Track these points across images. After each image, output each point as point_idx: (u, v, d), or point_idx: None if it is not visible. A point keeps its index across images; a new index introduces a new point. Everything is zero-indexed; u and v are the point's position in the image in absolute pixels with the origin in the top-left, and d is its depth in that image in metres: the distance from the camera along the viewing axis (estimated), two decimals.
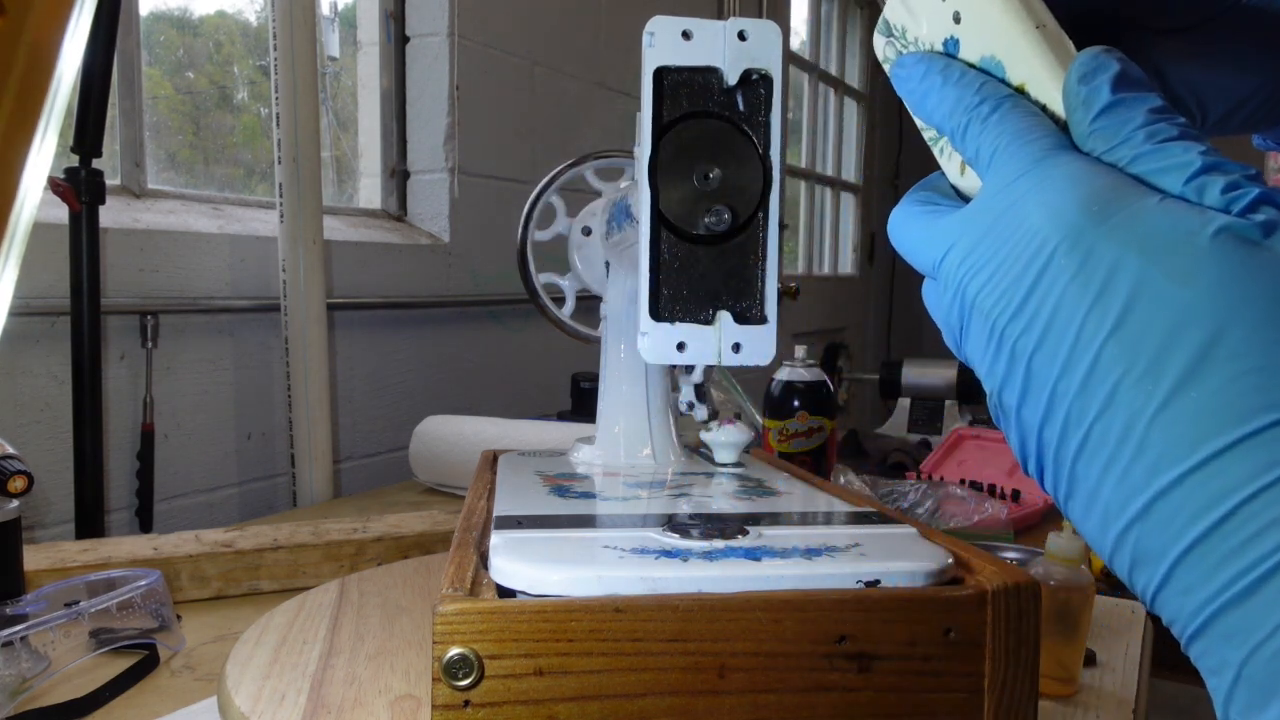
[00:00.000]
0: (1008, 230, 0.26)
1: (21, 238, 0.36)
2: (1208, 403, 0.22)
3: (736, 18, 0.46)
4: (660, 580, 0.40)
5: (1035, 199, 0.25)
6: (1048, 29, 0.30)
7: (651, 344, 0.47)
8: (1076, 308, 0.24)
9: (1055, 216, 0.25)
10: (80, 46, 0.35)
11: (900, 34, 0.35)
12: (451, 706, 0.38)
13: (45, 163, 0.36)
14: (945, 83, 0.31)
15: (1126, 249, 0.23)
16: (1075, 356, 0.24)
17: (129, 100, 1.25)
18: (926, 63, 0.32)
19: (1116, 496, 0.23)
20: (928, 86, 0.31)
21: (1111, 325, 0.23)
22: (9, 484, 0.64)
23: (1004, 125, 0.28)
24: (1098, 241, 0.24)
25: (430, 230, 1.69)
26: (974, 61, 0.32)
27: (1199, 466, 0.22)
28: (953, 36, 0.33)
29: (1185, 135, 0.25)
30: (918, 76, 0.32)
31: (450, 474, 1.19)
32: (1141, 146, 0.25)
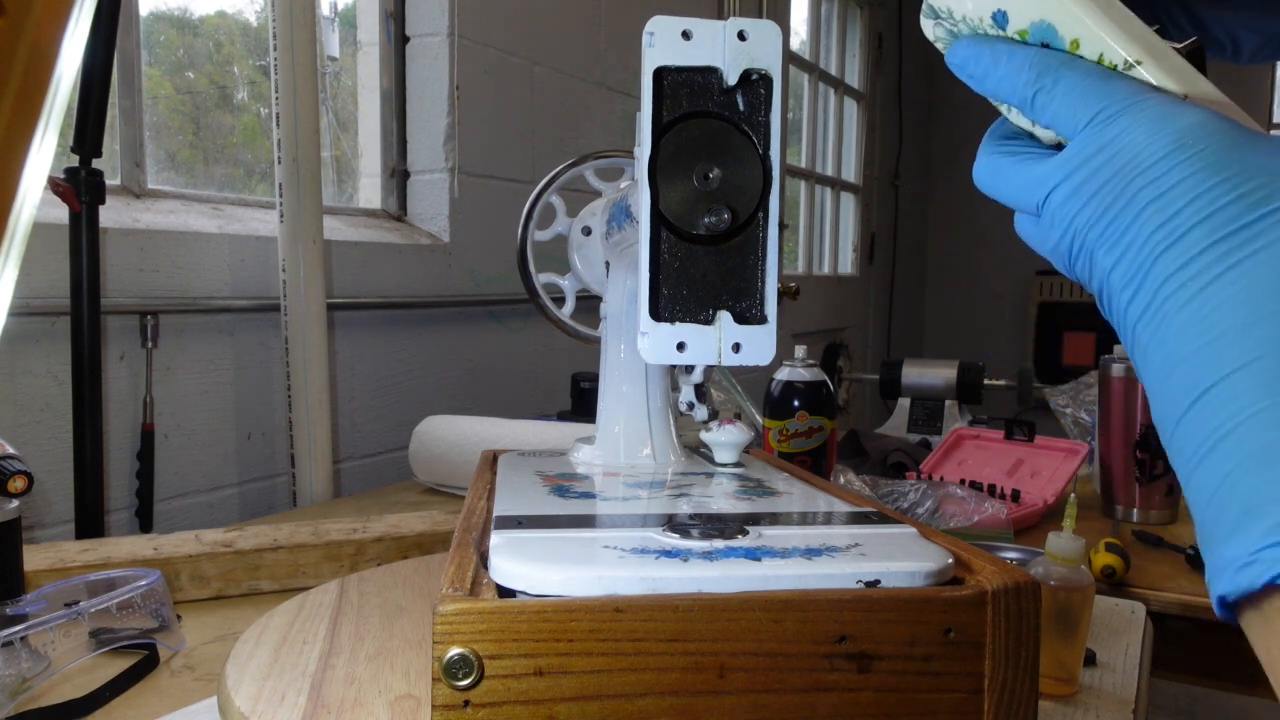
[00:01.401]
0: (1112, 164, 0.29)
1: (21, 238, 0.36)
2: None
3: (736, 18, 0.46)
4: (660, 580, 0.40)
5: (1130, 136, 0.29)
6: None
7: (651, 344, 0.47)
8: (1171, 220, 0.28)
9: (1155, 142, 0.28)
10: (80, 46, 0.35)
11: (947, 15, 0.36)
12: (451, 706, 0.38)
13: (45, 163, 0.36)
14: (997, 64, 0.33)
15: (1204, 178, 0.27)
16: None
17: (129, 100, 1.25)
18: (976, 47, 0.34)
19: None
20: (984, 70, 0.34)
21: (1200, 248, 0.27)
22: (9, 484, 0.64)
23: (1073, 87, 0.31)
24: (1184, 166, 0.27)
25: (430, 230, 1.69)
26: (1024, 28, 0.34)
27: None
28: (1000, 9, 0.34)
29: None
30: (972, 61, 0.34)
31: (450, 474, 1.19)
32: None
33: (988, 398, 1.89)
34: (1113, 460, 1.14)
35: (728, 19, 0.46)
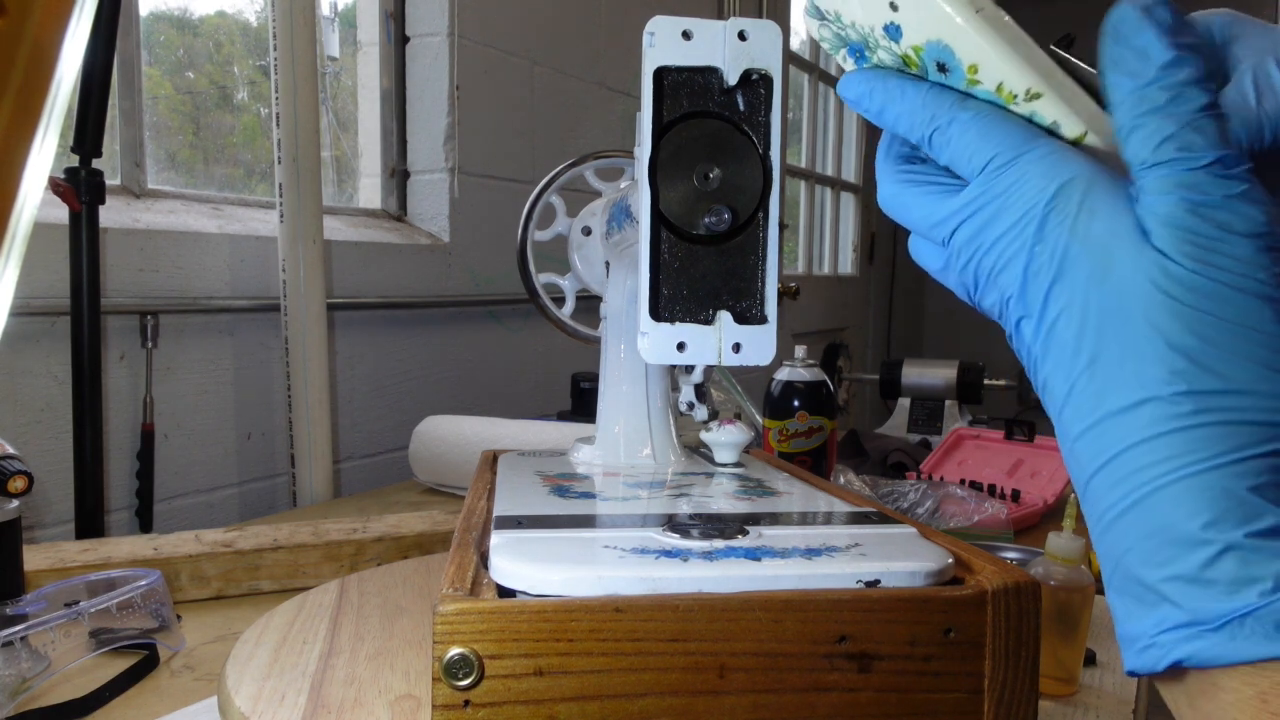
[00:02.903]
0: (1005, 216, 0.30)
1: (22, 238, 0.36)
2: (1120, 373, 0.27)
3: (736, 18, 0.46)
4: (660, 580, 0.40)
5: (1021, 188, 0.29)
6: (986, 11, 0.31)
7: (651, 344, 0.47)
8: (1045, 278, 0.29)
9: (1042, 194, 0.29)
10: (80, 47, 0.35)
11: (834, 18, 0.34)
12: (451, 706, 0.38)
13: (45, 163, 0.36)
14: (891, 101, 0.33)
15: (1074, 239, 0.28)
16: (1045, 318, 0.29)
17: (129, 100, 1.25)
18: (869, 83, 0.34)
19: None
20: (879, 106, 0.34)
21: (1061, 305, 0.29)
22: (9, 484, 0.64)
23: (967, 129, 0.31)
24: (1058, 230, 0.29)
25: (430, 230, 1.69)
26: (919, 44, 0.32)
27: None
28: (894, 23, 0.33)
29: (1172, 101, 0.27)
30: (865, 97, 0.34)
31: (450, 474, 1.19)
32: (1129, 113, 0.28)
33: (988, 398, 1.89)
34: None
35: (728, 19, 0.46)
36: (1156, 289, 0.26)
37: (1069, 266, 0.28)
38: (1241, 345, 0.26)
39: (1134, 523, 0.26)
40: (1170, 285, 0.26)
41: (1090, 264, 0.27)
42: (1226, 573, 0.25)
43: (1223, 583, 0.25)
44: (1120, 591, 0.27)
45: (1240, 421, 0.26)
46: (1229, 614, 0.25)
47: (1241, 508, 0.25)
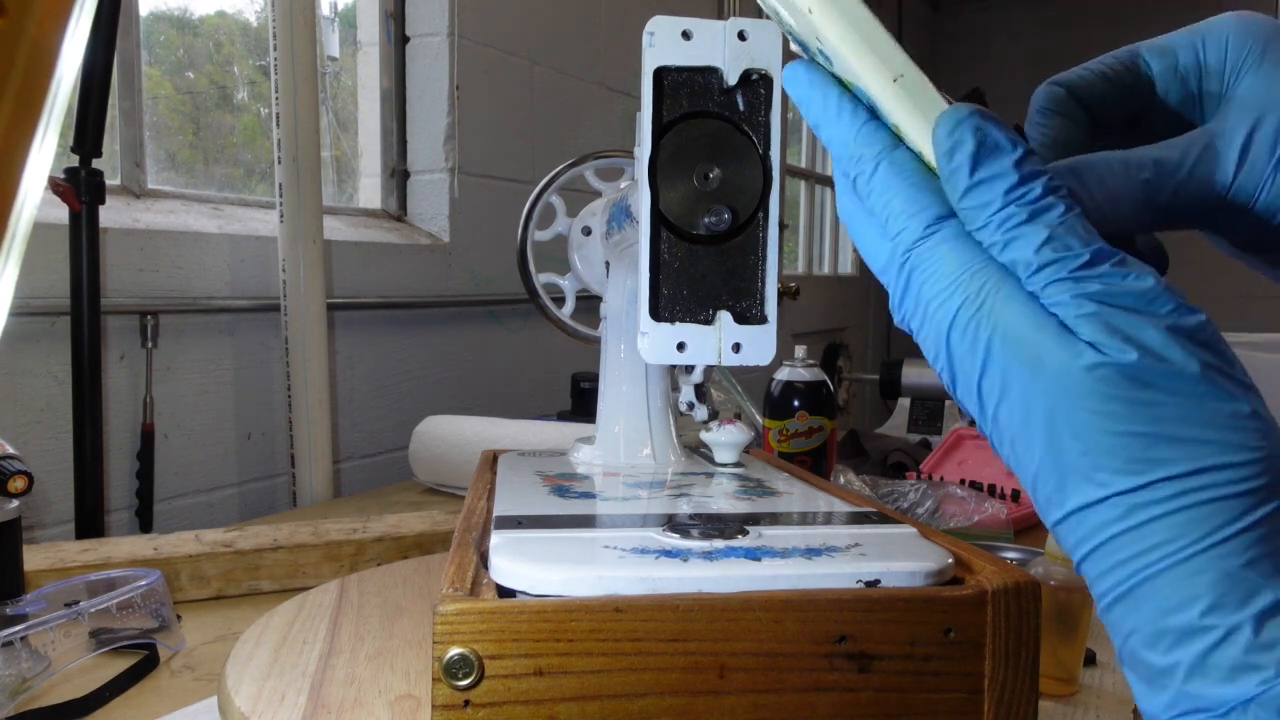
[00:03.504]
0: (924, 291, 0.30)
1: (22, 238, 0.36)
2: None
3: (736, 18, 0.46)
4: (660, 580, 0.40)
5: (932, 271, 0.30)
6: (906, 79, 0.30)
7: (651, 344, 0.47)
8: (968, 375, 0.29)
9: (951, 290, 0.29)
10: (80, 47, 0.35)
11: (773, 12, 0.34)
12: (451, 706, 0.38)
13: (45, 163, 0.36)
14: (827, 120, 0.33)
15: (995, 332, 0.28)
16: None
17: (129, 100, 1.25)
18: (810, 89, 0.33)
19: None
20: (815, 118, 0.33)
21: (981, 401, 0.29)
22: (9, 484, 0.64)
23: (885, 188, 0.31)
24: (974, 321, 0.29)
25: (430, 230, 1.69)
26: (847, 83, 0.32)
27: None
28: (822, 51, 0.32)
29: (1035, 215, 0.28)
30: (805, 102, 0.33)
31: (450, 474, 1.19)
32: (995, 234, 0.28)
33: None
34: None
35: (728, 19, 0.46)
36: (1093, 378, 0.26)
37: (994, 359, 0.28)
38: (1193, 420, 0.26)
39: (1132, 608, 0.26)
40: (1105, 373, 0.26)
41: (1018, 357, 0.27)
42: (1229, 659, 0.25)
43: (1225, 668, 0.25)
44: (1131, 668, 0.27)
45: (1215, 499, 0.25)
46: (1233, 700, 0.25)
47: (1237, 588, 0.25)
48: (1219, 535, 0.25)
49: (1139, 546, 0.26)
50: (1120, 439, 0.26)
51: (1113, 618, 0.27)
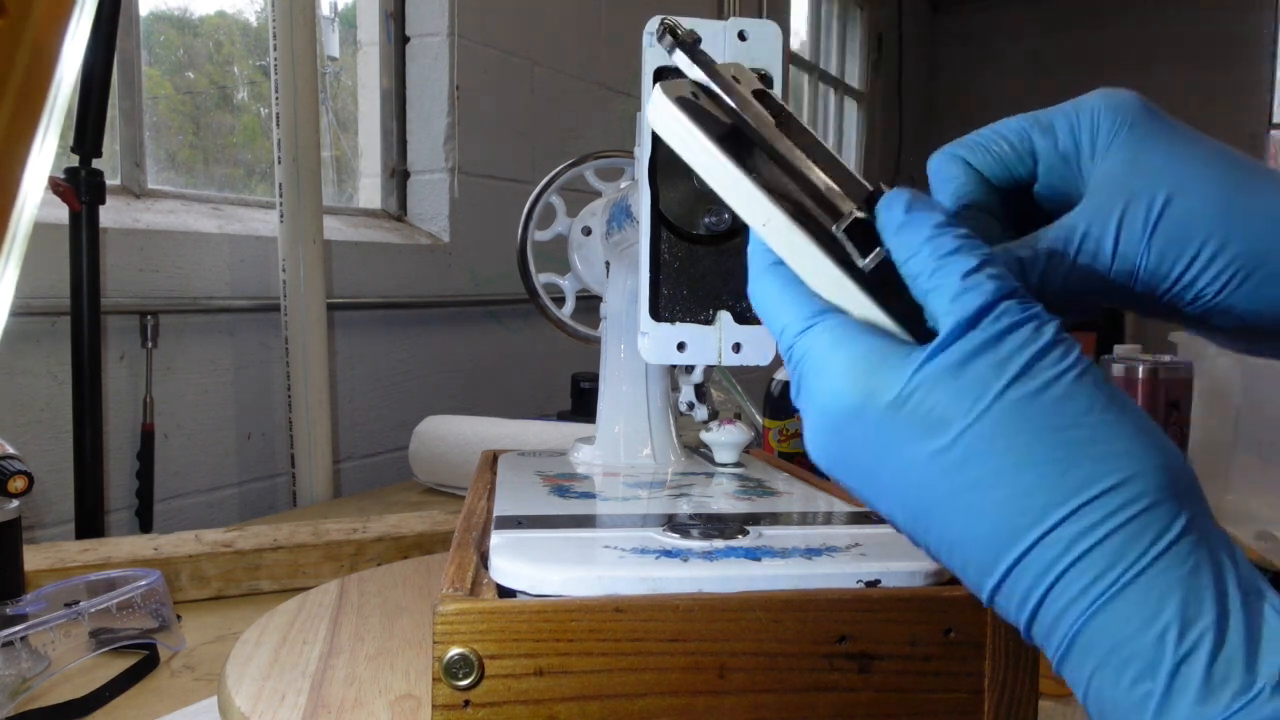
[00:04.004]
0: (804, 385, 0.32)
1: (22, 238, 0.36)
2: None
3: (737, 18, 0.46)
4: (660, 580, 0.40)
5: (805, 367, 0.31)
6: (770, 224, 0.32)
7: (651, 344, 0.47)
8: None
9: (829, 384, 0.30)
10: (80, 47, 0.35)
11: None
12: (452, 706, 0.38)
13: (46, 163, 0.36)
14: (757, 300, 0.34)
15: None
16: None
17: (129, 100, 1.25)
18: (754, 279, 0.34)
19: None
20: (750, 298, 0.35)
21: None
22: (9, 484, 0.64)
23: (775, 287, 0.33)
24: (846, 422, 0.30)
25: (430, 230, 1.69)
26: None
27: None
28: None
29: (961, 248, 0.30)
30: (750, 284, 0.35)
31: (450, 474, 1.19)
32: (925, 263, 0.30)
33: None
34: None
35: (728, 19, 0.46)
36: (993, 422, 0.27)
37: (890, 438, 0.29)
38: (1102, 439, 0.26)
39: (1089, 647, 0.26)
40: (1006, 412, 0.27)
41: (912, 428, 0.28)
42: (1192, 681, 0.25)
43: (1192, 691, 0.25)
44: (1099, 716, 0.27)
45: (1138, 513, 0.26)
46: (1218, 718, 0.24)
47: (1185, 608, 0.25)
48: (1154, 553, 0.25)
49: (1085, 579, 0.26)
50: (1035, 472, 0.26)
51: (1071, 665, 0.27)
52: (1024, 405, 0.27)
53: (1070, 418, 0.27)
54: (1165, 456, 0.27)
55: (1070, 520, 0.26)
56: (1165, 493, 0.26)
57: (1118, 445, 0.26)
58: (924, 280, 0.30)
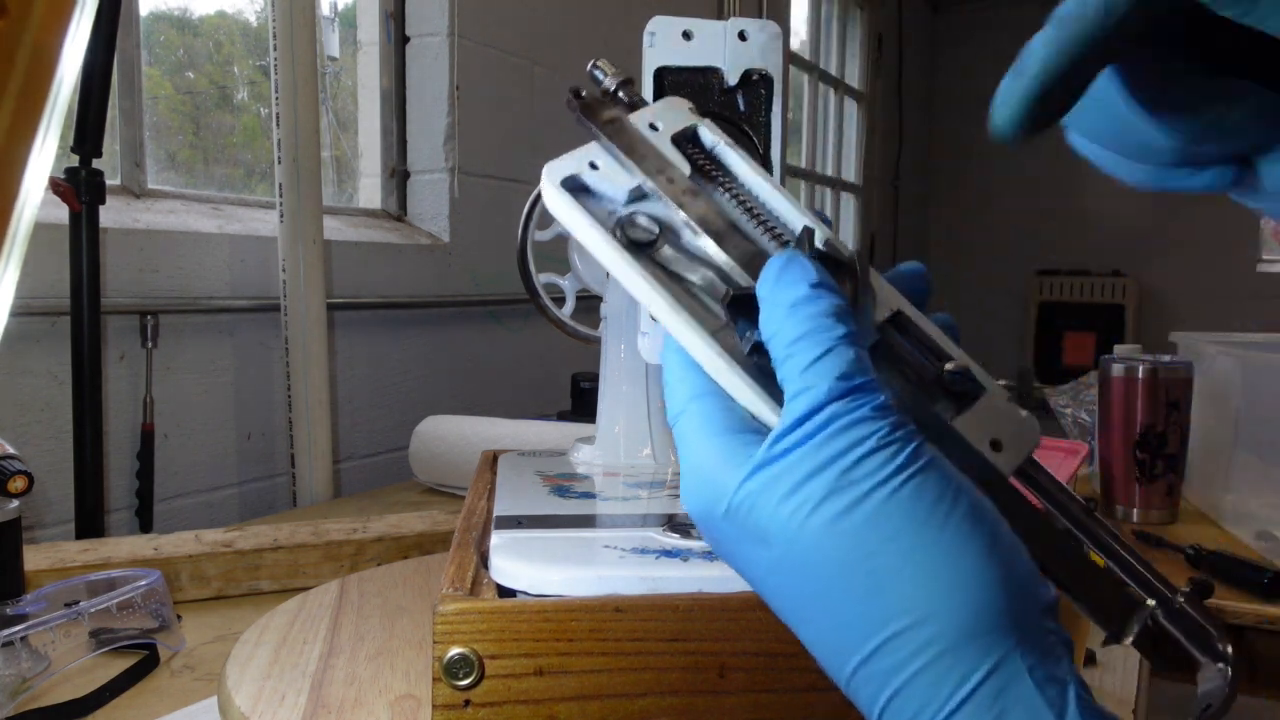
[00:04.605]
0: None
1: (22, 238, 0.36)
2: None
3: (737, 18, 0.46)
4: (660, 580, 0.40)
5: (679, 456, 0.31)
6: (655, 309, 0.33)
7: (651, 344, 0.47)
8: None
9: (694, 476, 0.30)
10: (81, 47, 0.35)
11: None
12: (452, 706, 0.38)
13: (46, 163, 0.36)
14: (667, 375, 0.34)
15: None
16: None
17: (129, 100, 1.25)
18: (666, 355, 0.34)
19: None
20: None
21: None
22: (9, 484, 0.64)
23: (670, 367, 0.33)
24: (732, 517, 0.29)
25: (430, 230, 1.69)
26: None
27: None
28: None
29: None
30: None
31: (450, 474, 1.19)
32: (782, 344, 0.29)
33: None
34: (1113, 460, 1.14)
35: (728, 19, 0.46)
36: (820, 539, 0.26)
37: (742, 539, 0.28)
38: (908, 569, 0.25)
39: None
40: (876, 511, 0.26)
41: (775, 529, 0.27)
42: None
43: None
44: None
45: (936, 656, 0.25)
46: None
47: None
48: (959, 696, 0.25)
49: (908, 713, 0.25)
50: (848, 601, 0.26)
51: None
52: (836, 526, 0.26)
53: (879, 541, 0.26)
54: (977, 591, 0.25)
55: (882, 652, 0.25)
56: (965, 634, 0.25)
57: (920, 578, 0.25)
58: (778, 369, 0.29)
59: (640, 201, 0.35)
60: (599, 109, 0.38)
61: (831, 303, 0.29)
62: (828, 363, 0.28)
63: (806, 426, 0.27)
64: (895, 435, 0.27)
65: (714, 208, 0.34)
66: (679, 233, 0.34)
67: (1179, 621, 0.29)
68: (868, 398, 0.27)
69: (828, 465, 0.26)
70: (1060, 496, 0.32)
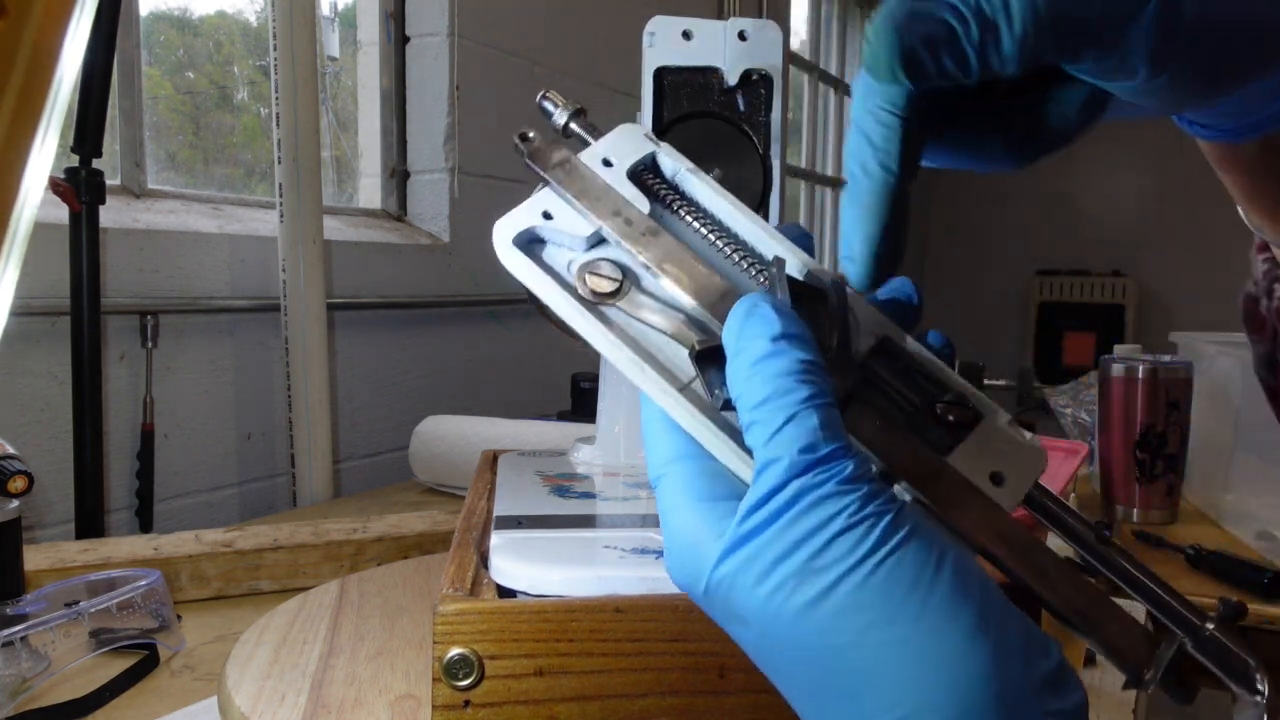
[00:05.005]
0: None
1: (22, 238, 0.36)
2: None
3: (737, 18, 0.46)
4: (660, 580, 0.40)
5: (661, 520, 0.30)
6: (622, 365, 0.32)
7: None
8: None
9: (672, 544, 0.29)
10: (81, 47, 0.35)
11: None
12: (452, 706, 0.38)
13: (46, 163, 0.36)
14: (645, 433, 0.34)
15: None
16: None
17: (129, 100, 1.25)
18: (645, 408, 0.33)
19: None
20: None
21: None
22: (9, 484, 0.64)
23: (648, 424, 0.32)
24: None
25: (430, 230, 1.69)
26: None
27: None
28: None
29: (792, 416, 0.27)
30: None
31: (450, 474, 1.19)
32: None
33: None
34: (1113, 460, 1.14)
35: (728, 19, 0.46)
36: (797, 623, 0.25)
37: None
38: (884, 664, 0.24)
39: None
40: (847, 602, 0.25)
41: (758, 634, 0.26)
42: None
43: None
44: None
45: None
46: None
47: None
48: None
49: None
50: (830, 694, 0.25)
51: None
52: (808, 616, 0.24)
53: (854, 632, 0.24)
54: (964, 679, 0.24)
55: None
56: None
57: (900, 673, 0.24)
58: (745, 436, 0.27)
59: (602, 246, 0.33)
60: (547, 153, 0.35)
61: (794, 359, 0.27)
62: (790, 432, 0.26)
63: (773, 504, 0.25)
64: (865, 512, 0.25)
65: (677, 246, 0.32)
66: (644, 276, 0.32)
67: (1209, 650, 0.27)
68: (834, 469, 0.25)
69: (796, 549, 0.25)
70: (1071, 523, 0.30)
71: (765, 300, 0.29)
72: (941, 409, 0.30)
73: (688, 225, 0.34)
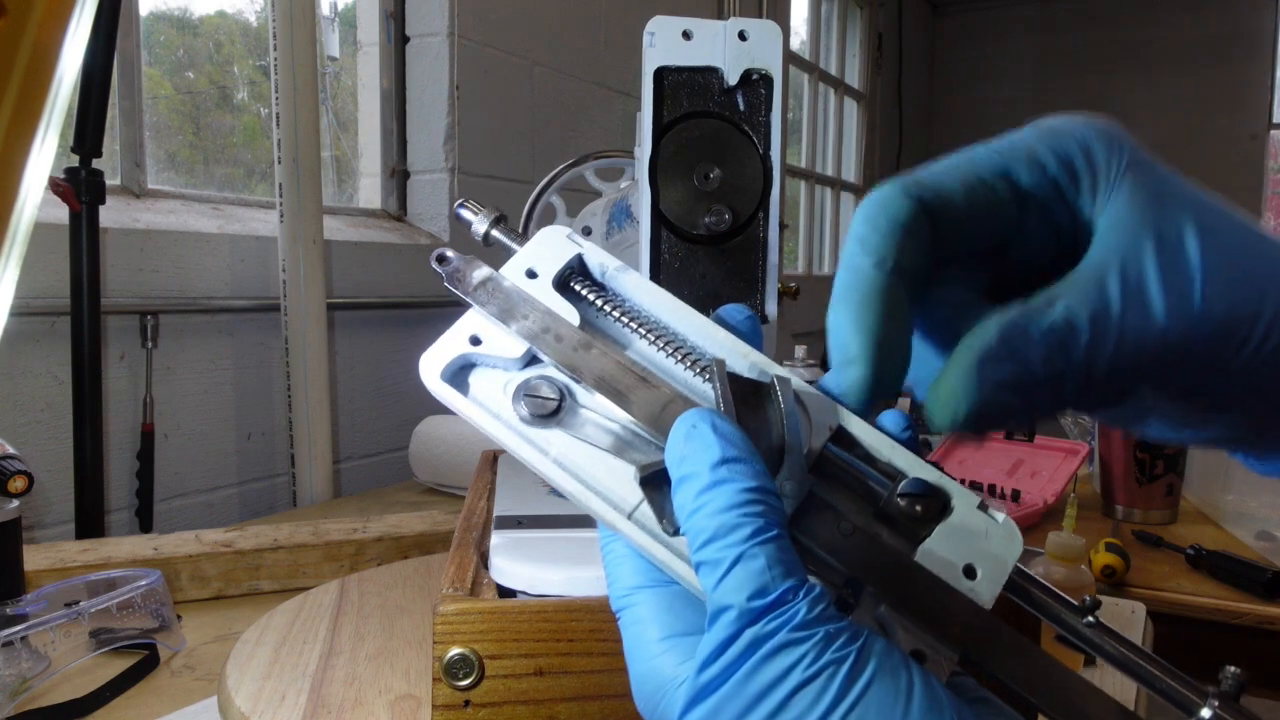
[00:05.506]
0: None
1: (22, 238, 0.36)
2: None
3: (737, 18, 0.46)
4: None
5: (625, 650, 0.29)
6: (572, 496, 0.31)
7: None
8: None
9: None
10: (81, 47, 0.35)
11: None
12: (452, 706, 0.38)
13: (46, 163, 0.36)
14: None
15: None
16: None
17: (129, 100, 1.25)
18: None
19: None
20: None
21: None
22: (9, 484, 0.64)
23: (607, 553, 0.32)
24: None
25: (430, 230, 1.69)
26: None
27: None
28: None
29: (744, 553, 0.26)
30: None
31: (450, 474, 1.19)
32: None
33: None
34: (1113, 460, 1.14)
35: (728, 19, 0.46)
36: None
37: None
38: None
39: None
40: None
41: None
42: None
43: None
44: None
45: None
46: None
47: None
48: None
49: None
50: None
51: None
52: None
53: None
54: None
55: None
56: None
57: None
58: (697, 574, 0.26)
59: (536, 364, 0.32)
60: (467, 273, 0.34)
61: (736, 490, 0.26)
62: (738, 575, 0.25)
63: (728, 655, 0.24)
64: (822, 661, 0.24)
65: (611, 359, 0.31)
66: (582, 392, 0.31)
67: None
68: (786, 614, 0.24)
69: (756, 705, 0.24)
70: (1056, 609, 0.29)
71: (704, 419, 0.27)
72: (906, 502, 0.28)
73: (622, 327, 0.32)
